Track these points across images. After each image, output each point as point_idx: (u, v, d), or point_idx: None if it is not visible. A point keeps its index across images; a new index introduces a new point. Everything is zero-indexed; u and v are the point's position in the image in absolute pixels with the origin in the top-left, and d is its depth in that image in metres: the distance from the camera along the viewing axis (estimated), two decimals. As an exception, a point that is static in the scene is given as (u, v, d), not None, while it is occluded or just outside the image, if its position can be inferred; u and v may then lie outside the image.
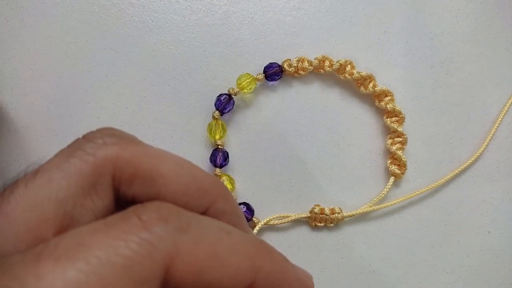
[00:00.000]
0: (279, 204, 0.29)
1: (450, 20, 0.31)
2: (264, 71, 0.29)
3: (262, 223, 0.28)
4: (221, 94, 0.28)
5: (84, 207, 0.16)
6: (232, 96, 0.28)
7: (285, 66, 0.29)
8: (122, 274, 0.13)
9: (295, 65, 0.29)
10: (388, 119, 0.29)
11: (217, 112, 0.28)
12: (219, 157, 0.28)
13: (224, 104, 0.28)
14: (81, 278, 0.12)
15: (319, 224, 0.28)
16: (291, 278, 0.17)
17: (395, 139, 0.29)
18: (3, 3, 0.29)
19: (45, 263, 0.13)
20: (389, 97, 0.29)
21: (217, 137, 0.28)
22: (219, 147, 0.28)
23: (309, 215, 0.28)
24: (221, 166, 0.28)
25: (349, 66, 0.29)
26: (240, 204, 0.28)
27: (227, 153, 0.28)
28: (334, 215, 0.28)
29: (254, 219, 0.28)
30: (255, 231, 0.27)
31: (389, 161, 0.29)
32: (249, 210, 0.28)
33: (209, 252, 0.15)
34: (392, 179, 0.29)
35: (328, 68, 0.29)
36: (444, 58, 0.30)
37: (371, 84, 0.29)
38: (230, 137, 0.29)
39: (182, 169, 0.18)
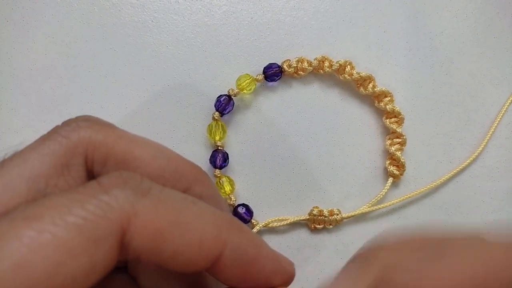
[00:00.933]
0: (279, 205, 0.29)
1: (450, 20, 0.31)
2: (264, 72, 0.29)
3: (261, 225, 0.28)
4: (220, 95, 0.28)
5: (57, 186, 0.16)
6: (232, 97, 0.28)
7: (285, 66, 0.29)
8: (74, 232, 0.13)
9: (295, 65, 0.29)
10: (388, 120, 0.29)
11: (217, 113, 0.28)
12: (218, 158, 0.28)
13: (224, 105, 0.28)
14: (32, 235, 0.13)
15: (318, 226, 0.28)
16: (266, 257, 0.17)
17: (394, 139, 0.29)
18: (3, 3, 0.29)
19: (1, 224, 0.13)
20: (389, 98, 0.29)
21: (217, 138, 0.28)
22: (219, 148, 0.28)
23: (308, 217, 0.28)
24: (220, 167, 0.28)
25: (348, 66, 0.29)
26: (239, 205, 0.28)
27: (227, 154, 0.28)
28: (333, 217, 0.28)
29: (253, 220, 0.28)
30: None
31: (388, 161, 0.29)
32: (248, 212, 0.28)
33: (170, 217, 0.15)
34: (390, 180, 0.29)
35: (328, 69, 0.29)
36: (444, 58, 0.30)
37: (370, 85, 0.29)
38: (230, 138, 0.29)
39: (157, 152, 0.19)
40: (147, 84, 0.29)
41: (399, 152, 0.29)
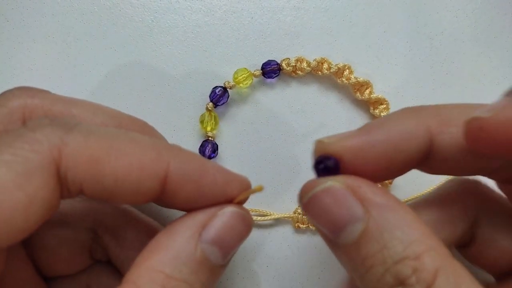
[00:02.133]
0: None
1: (450, 20, 0.31)
2: (262, 68, 0.29)
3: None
4: (216, 87, 0.28)
5: None
6: (227, 89, 0.28)
7: (283, 64, 0.29)
8: (4, 169, 0.14)
9: (293, 64, 0.29)
10: None
11: (210, 103, 0.28)
12: (208, 149, 0.28)
13: (219, 97, 0.28)
14: None
15: (301, 225, 0.28)
16: (213, 170, 0.17)
17: None
18: (3, 3, 0.29)
19: None
20: (384, 106, 0.29)
21: (209, 128, 0.28)
22: (210, 138, 0.28)
23: (292, 215, 0.28)
24: (209, 158, 0.28)
25: (347, 70, 0.29)
26: None
27: (217, 145, 0.28)
28: None
29: None
30: None
31: None
32: None
33: (103, 144, 0.15)
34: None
35: (326, 71, 0.29)
36: (444, 58, 0.30)
37: (367, 91, 0.29)
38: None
39: (96, 109, 0.19)
40: (147, 84, 0.29)
41: None
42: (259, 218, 0.28)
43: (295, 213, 0.28)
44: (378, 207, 0.15)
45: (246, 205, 0.28)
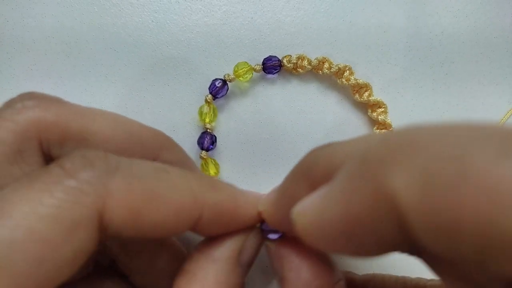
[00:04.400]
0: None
1: (450, 20, 0.31)
2: (263, 63, 0.29)
3: None
4: (216, 79, 0.28)
5: (12, 175, 0.15)
6: (227, 82, 0.28)
7: (284, 61, 0.29)
8: (51, 223, 0.12)
9: (294, 61, 0.29)
10: (378, 131, 0.29)
11: (210, 96, 0.28)
12: (206, 140, 0.28)
13: (218, 89, 0.28)
14: (5, 233, 0.12)
15: None
16: (243, 207, 0.17)
17: None
18: (3, 3, 0.29)
19: None
20: (382, 109, 0.29)
21: (207, 120, 0.28)
22: (208, 130, 0.28)
23: None
24: (207, 150, 0.28)
25: (348, 71, 0.29)
26: None
27: (215, 137, 0.28)
28: None
29: None
30: None
31: None
32: None
33: (145, 190, 0.14)
34: None
35: (327, 70, 0.29)
36: (444, 58, 0.30)
37: (366, 93, 0.29)
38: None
39: (117, 124, 0.17)
40: (147, 84, 0.29)
41: None
42: None
43: None
44: (289, 279, 0.17)
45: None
